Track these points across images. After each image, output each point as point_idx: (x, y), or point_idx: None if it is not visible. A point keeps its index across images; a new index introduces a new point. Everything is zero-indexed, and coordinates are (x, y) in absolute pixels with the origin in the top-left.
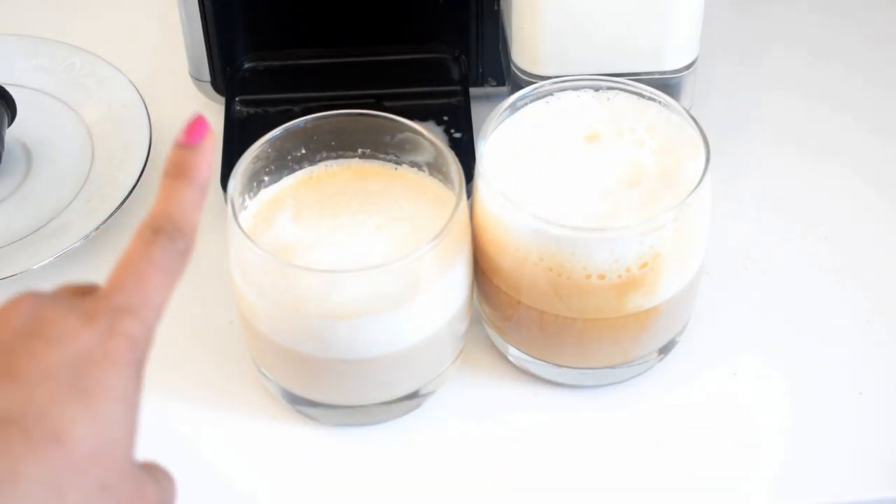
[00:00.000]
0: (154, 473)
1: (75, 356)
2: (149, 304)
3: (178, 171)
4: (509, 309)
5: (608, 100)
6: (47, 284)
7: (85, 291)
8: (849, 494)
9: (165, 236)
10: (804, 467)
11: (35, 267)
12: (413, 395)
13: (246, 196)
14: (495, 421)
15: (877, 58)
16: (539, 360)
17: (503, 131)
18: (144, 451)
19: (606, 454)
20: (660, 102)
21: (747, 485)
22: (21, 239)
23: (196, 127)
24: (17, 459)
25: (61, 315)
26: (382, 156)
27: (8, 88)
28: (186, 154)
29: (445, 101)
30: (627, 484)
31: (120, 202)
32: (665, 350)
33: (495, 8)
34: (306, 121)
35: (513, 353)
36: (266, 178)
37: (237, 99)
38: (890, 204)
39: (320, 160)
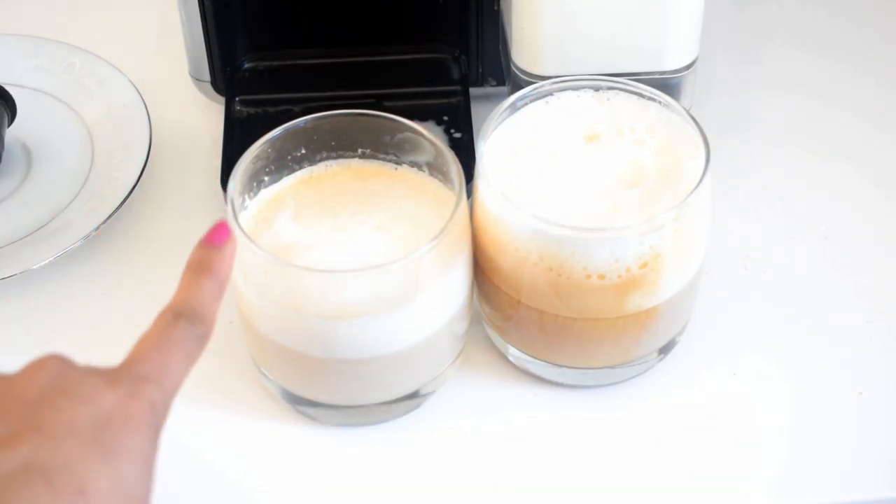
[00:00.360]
0: None
1: (99, 415)
2: (168, 375)
3: (200, 266)
4: (509, 309)
5: (608, 100)
6: (47, 284)
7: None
8: (849, 494)
9: (186, 320)
10: (804, 467)
11: (35, 267)
12: (413, 395)
13: (246, 196)
14: (495, 421)
15: (877, 57)
16: (539, 360)
17: (503, 131)
18: None
19: (606, 454)
20: (660, 102)
21: (747, 485)
22: (21, 239)
23: (219, 230)
24: None
25: (86, 376)
26: (382, 156)
27: (8, 88)
28: (209, 252)
29: (445, 101)
30: (627, 484)
31: (120, 202)
32: (665, 350)
33: (495, 8)
34: (306, 121)
35: (513, 353)
36: (266, 178)
37: (237, 99)
38: (890, 204)
39: (320, 160)
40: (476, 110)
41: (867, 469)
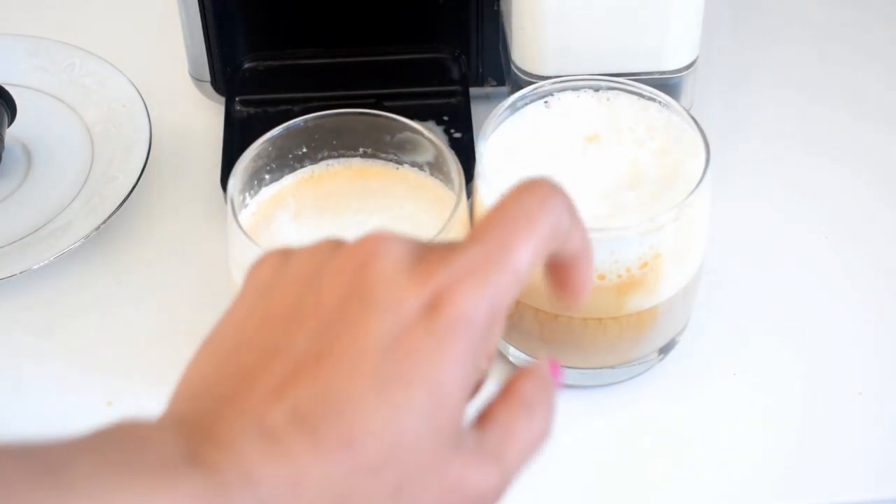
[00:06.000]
0: (488, 449)
1: (390, 333)
2: (507, 264)
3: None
4: (509, 308)
5: (608, 100)
6: (47, 285)
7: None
8: (849, 494)
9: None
10: (804, 467)
11: (35, 267)
12: None
13: (246, 194)
14: None
15: (878, 57)
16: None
17: (503, 131)
18: None
19: (606, 454)
20: (660, 102)
21: (747, 484)
22: (21, 239)
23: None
24: (301, 466)
25: (384, 269)
26: (383, 155)
27: (8, 88)
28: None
29: (445, 101)
30: (627, 484)
31: (120, 202)
32: (665, 350)
33: (495, 8)
34: (307, 119)
35: (513, 353)
36: (267, 177)
37: (237, 99)
38: (891, 204)
39: (321, 159)
40: (476, 110)
41: (867, 469)
